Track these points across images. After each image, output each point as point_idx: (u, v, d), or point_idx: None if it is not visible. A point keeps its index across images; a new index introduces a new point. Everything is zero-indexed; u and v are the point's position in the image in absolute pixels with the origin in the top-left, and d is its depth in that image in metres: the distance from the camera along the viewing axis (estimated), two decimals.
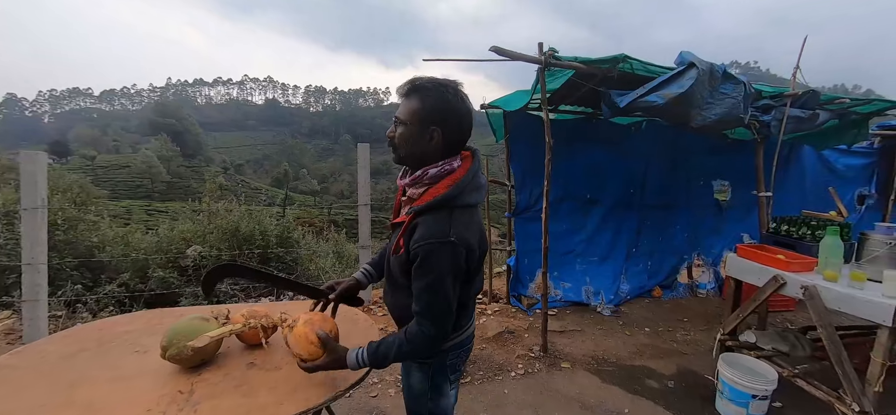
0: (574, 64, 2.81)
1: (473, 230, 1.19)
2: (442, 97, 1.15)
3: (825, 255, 2.34)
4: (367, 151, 3.72)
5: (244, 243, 5.94)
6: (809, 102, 3.39)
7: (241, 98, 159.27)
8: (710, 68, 2.84)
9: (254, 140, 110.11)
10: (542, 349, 3.24)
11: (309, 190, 67.45)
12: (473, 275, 1.26)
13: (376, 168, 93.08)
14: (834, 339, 2.15)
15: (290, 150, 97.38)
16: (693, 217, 4.80)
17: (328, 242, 7.98)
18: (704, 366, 3.12)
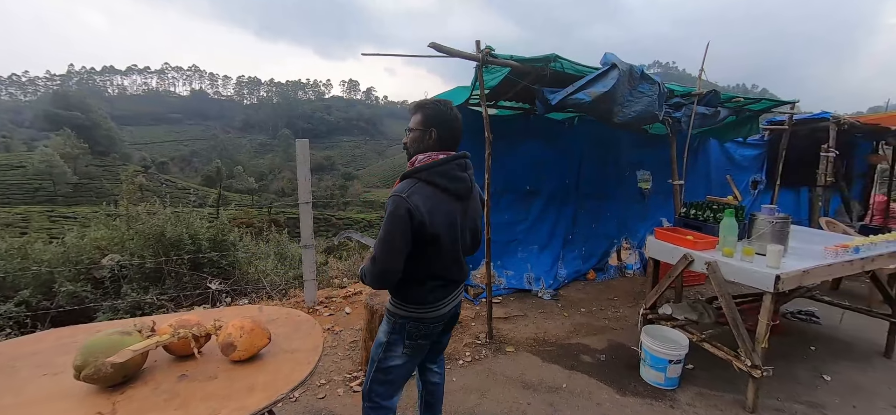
0: (509, 62, 2.94)
1: (430, 205, 1.47)
2: (437, 109, 1.58)
3: (723, 234, 2.70)
4: (306, 146, 3.60)
5: (172, 249, 5.48)
6: (712, 101, 3.85)
7: (163, 89, 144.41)
8: (629, 69, 3.12)
9: (179, 135, 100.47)
10: (487, 336, 3.39)
11: (245, 188, 63.18)
12: (425, 247, 1.50)
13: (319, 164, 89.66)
14: (731, 306, 2.50)
15: (222, 145, 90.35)
16: (621, 205, 5.25)
17: (269, 242, 7.59)
18: (631, 338, 3.46)
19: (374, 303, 2.68)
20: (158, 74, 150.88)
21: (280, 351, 1.49)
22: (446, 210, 1.52)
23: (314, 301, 3.89)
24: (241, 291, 5.81)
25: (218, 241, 5.87)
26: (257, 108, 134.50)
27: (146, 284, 5.21)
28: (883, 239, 2.98)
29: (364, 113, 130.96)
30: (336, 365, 2.97)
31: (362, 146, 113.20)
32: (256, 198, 58.73)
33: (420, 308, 1.60)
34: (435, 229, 1.47)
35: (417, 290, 1.58)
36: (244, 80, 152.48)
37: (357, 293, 4.36)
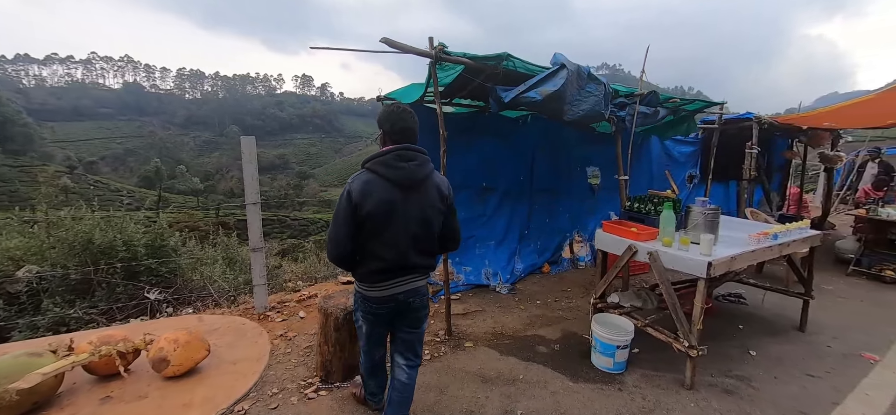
0: (463, 59, 2.96)
1: (366, 190, 1.74)
2: (383, 110, 1.89)
3: (663, 226, 2.89)
4: (252, 144, 3.41)
5: (102, 257, 4.99)
6: (652, 101, 4.11)
7: (90, 81, 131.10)
8: (577, 69, 3.25)
9: (111, 132, 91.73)
10: (446, 333, 3.40)
11: (190, 189, 58.96)
12: (361, 228, 1.76)
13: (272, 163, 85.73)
14: (670, 292, 2.68)
15: (162, 143, 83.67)
16: (573, 200, 5.47)
17: (216, 247, 7.12)
18: (584, 327, 3.61)
19: (328, 306, 2.59)
20: (84, 64, 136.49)
21: (221, 362, 1.40)
22: (382, 196, 1.75)
23: (265, 307, 3.71)
24: (184, 299, 5.41)
25: (156, 247, 5.44)
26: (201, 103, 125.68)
27: (72, 298, 4.71)
28: (796, 226, 3.33)
29: (319, 110, 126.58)
30: (290, 372, 2.84)
31: (318, 144, 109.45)
32: (202, 199, 55.00)
33: (362, 285, 1.90)
34: (366, 211, 1.73)
35: (360, 268, 1.86)
36: (186, 72, 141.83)
37: (312, 296, 4.21)
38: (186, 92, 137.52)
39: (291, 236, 36.20)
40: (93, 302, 4.88)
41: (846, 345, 3.48)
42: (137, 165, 71.47)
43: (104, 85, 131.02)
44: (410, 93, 3.70)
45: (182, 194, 57.83)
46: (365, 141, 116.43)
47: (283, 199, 58.44)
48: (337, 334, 2.61)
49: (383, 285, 1.86)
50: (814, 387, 2.85)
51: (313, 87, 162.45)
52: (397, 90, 3.81)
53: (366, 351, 2.13)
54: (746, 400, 2.64)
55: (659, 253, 2.71)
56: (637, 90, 4.02)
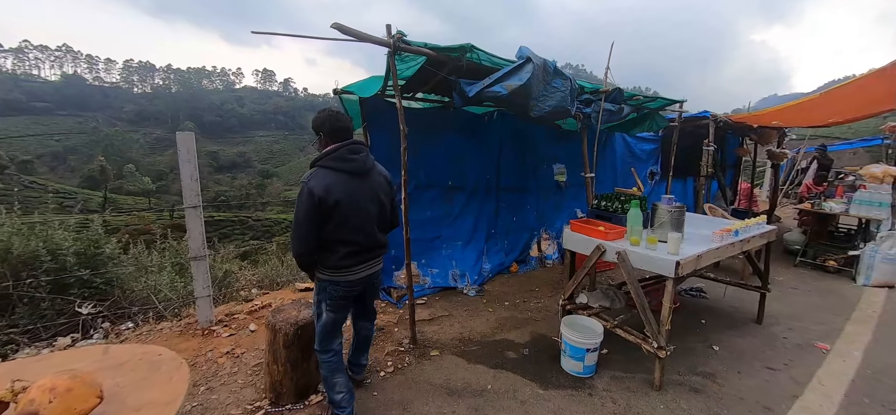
0: (424, 50, 2.77)
1: (327, 182, 1.90)
2: (318, 116, 2.06)
3: (630, 224, 2.83)
4: (190, 140, 3.05)
5: (23, 268, 4.40)
6: (617, 98, 4.09)
7: (22, 72, 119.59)
8: (543, 63, 3.14)
9: (48, 127, 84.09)
10: (411, 342, 3.21)
11: (140, 190, 55.07)
12: (329, 218, 1.93)
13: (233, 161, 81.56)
14: (639, 292, 2.63)
15: (107, 140, 77.59)
16: (539, 197, 5.42)
17: (164, 253, 6.53)
18: (553, 329, 3.53)
19: (276, 321, 2.33)
20: (15, 54, 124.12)
21: (121, 409, 1.14)
22: (344, 186, 1.94)
23: (210, 320, 3.36)
24: (123, 313, 4.89)
25: (90, 255, 4.87)
26: (152, 97, 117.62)
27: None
28: (754, 222, 3.39)
29: (281, 106, 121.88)
30: (235, 395, 2.56)
31: (281, 141, 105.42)
32: (155, 200, 51.56)
33: (336, 273, 2.03)
34: (333, 201, 1.89)
35: (331, 256, 2.00)
36: (133, 64, 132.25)
37: (265, 307, 3.88)
38: (135, 85, 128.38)
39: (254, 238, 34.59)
40: (12, 319, 4.30)
41: (800, 335, 3.60)
42: (80, 164, 65.98)
43: (39, 76, 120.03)
44: (370, 86, 3.47)
45: (132, 195, 53.92)
46: None
47: (244, 199, 55.85)
48: (287, 352, 2.36)
49: (357, 268, 2.07)
50: (775, 380, 2.90)
51: (275, 82, 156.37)
52: (356, 83, 3.56)
53: (327, 346, 2.17)
54: (713, 398, 2.63)
55: (627, 253, 2.65)
56: (602, 87, 3.99)
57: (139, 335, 3.34)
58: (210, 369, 2.80)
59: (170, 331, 3.35)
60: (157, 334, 3.33)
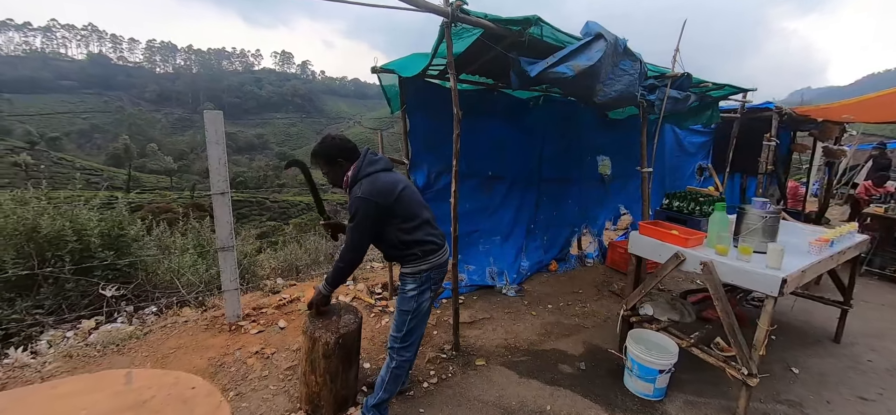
0: (483, 21, 2.41)
1: (383, 186, 1.93)
2: (327, 146, 2.05)
3: (715, 230, 2.45)
4: (218, 120, 2.78)
5: (49, 248, 4.28)
6: (684, 84, 3.65)
7: (50, 50, 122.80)
8: (614, 41, 2.74)
9: (75, 106, 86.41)
10: (454, 348, 2.92)
11: (163, 168, 56.25)
12: (400, 211, 1.96)
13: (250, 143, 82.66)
14: (728, 311, 2.26)
15: (131, 119, 79.36)
16: (582, 190, 5.03)
17: (186, 234, 6.40)
18: (606, 339, 3.20)
19: (315, 331, 2.06)
20: (44, 32, 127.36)
21: None
22: (389, 180, 1.97)
23: (238, 315, 3.14)
24: (147, 295, 4.76)
25: (114, 237, 4.72)
26: (174, 77, 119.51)
27: (11, 296, 4.02)
28: (846, 230, 2.97)
29: (299, 88, 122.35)
30: (267, 404, 2.32)
31: (298, 124, 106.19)
32: (176, 180, 52.60)
33: (425, 261, 2.01)
34: (395, 199, 1.93)
35: (416, 248, 1.99)
36: (156, 44, 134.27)
37: (293, 300, 3.65)
38: (157, 66, 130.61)
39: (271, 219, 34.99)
40: (37, 300, 4.20)
41: (886, 359, 3.18)
42: (105, 143, 67.73)
43: (66, 55, 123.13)
44: (412, 64, 3.12)
45: (154, 174, 55.16)
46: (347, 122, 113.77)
47: (262, 180, 56.57)
48: (326, 362, 2.10)
49: (442, 250, 2.09)
50: (872, 413, 2.52)
51: (293, 64, 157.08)
52: (397, 60, 3.21)
53: (411, 342, 2.12)
54: None
55: (715, 264, 2.28)
56: (669, 71, 3.55)
57: (163, 327, 3.14)
58: (239, 371, 2.57)
59: (195, 325, 3.14)
60: (181, 327, 3.13)
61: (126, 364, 2.62)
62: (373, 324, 3.25)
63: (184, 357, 2.69)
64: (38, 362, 2.75)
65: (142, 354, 2.73)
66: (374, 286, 4.04)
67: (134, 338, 2.92)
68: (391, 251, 2.08)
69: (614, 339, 3.18)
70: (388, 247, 2.05)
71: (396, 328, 2.08)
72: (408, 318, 2.04)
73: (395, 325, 2.09)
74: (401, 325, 2.06)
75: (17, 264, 3.96)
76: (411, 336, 2.08)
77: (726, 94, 4.33)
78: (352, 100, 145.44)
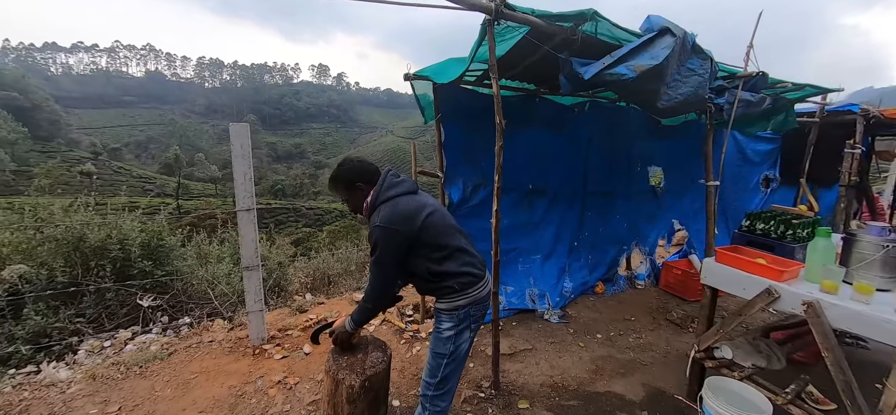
0: (530, 18, 2.11)
1: (406, 211, 1.68)
2: (345, 169, 1.81)
3: (818, 260, 2.00)
4: (245, 132, 2.63)
5: (93, 257, 4.37)
6: (759, 84, 3.17)
7: (114, 69, 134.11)
8: (683, 37, 2.36)
9: (134, 119, 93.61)
10: (493, 386, 2.60)
11: (208, 177, 59.55)
12: (426, 240, 1.68)
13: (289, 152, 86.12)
14: (843, 366, 1.81)
15: (181, 131, 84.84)
16: (631, 204, 4.56)
17: (224, 243, 6.47)
18: (670, 380, 2.77)
19: (339, 371, 1.81)
20: (108, 53, 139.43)
21: None
22: (412, 205, 1.69)
23: (262, 338, 2.97)
24: (182, 306, 4.76)
25: (153, 247, 4.78)
26: (220, 91, 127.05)
27: (57, 304, 4.11)
28: None
29: (335, 99, 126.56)
30: None
31: (333, 134, 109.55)
32: (220, 187, 55.45)
33: (473, 289, 1.73)
34: (420, 225, 1.66)
35: (451, 280, 1.70)
36: (205, 61, 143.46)
37: (320, 321, 3.46)
38: (206, 80, 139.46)
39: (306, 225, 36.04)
40: (80, 309, 4.28)
41: None
42: (159, 152, 72.69)
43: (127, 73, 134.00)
44: (448, 69, 2.86)
45: (201, 181, 58.47)
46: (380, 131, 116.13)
47: (298, 188, 58.61)
48: (351, 407, 1.84)
49: (483, 282, 1.78)
50: None
51: (329, 76, 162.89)
52: (432, 66, 2.97)
53: (456, 378, 1.86)
54: None
55: (822, 305, 1.84)
56: (740, 70, 3.09)
57: (188, 348, 3.02)
58: (260, 404, 2.38)
59: (220, 347, 3.00)
60: (206, 348, 2.99)
61: (147, 389, 2.49)
62: (403, 353, 2.98)
63: (205, 384, 2.54)
64: (64, 381, 2.69)
65: (163, 378, 2.60)
66: (405, 306, 3.79)
67: (158, 359, 2.81)
68: (424, 285, 1.80)
69: (680, 381, 2.74)
70: (419, 280, 1.78)
71: (430, 373, 1.79)
72: (443, 362, 1.75)
73: (428, 369, 1.81)
74: (435, 370, 1.77)
75: (64, 273, 4.05)
76: (447, 383, 1.79)
77: (807, 95, 3.78)
78: (385, 109, 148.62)
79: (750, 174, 5.36)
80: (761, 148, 5.34)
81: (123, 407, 2.30)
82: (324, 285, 6.51)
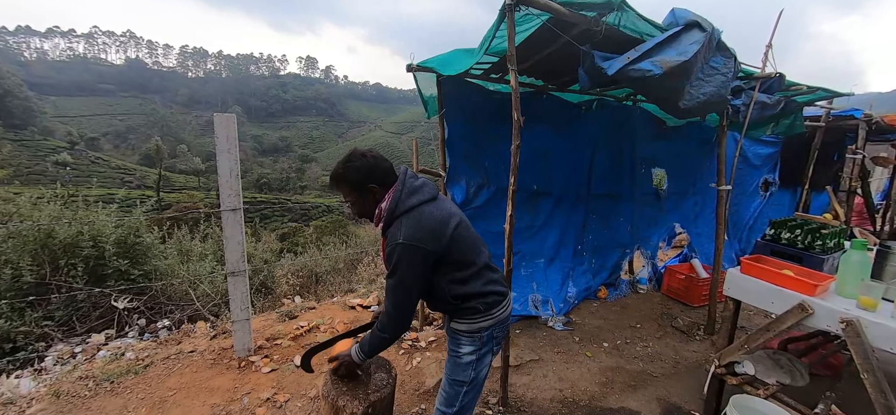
0: (553, 4, 1.92)
1: (431, 223, 1.42)
2: (356, 167, 1.46)
3: (853, 274, 1.87)
4: (232, 123, 2.38)
5: (63, 255, 4.07)
6: (774, 86, 3.06)
7: (92, 55, 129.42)
8: (711, 32, 2.21)
9: (113, 108, 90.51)
10: (501, 403, 2.42)
11: (191, 169, 57.98)
12: (455, 254, 1.45)
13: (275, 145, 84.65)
14: (884, 387, 1.68)
15: (163, 121, 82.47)
16: (634, 207, 4.44)
17: (207, 239, 6.15)
18: (684, 394, 2.64)
19: (339, 398, 1.61)
20: (86, 39, 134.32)
21: None
22: (438, 216, 1.44)
23: (248, 349, 2.73)
24: (160, 308, 4.48)
25: (129, 244, 4.48)
26: (204, 82, 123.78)
27: (22, 306, 3.79)
28: None
29: (322, 92, 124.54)
30: None
31: (321, 127, 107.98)
32: (203, 180, 54.06)
33: (498, 309, 1.55)
34: (449, 239, 1.43)
35: (476, 301, 1.50)
36: (188, 50, 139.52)
37: (312, 329, 3.23)
38: (189, 70, 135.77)
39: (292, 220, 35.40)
40: (48, 311, 3.96)
41: None
42: (139, 143, 70.47)
43: (106, 60, 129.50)
44: (455, 61, 2.66)
45: (184, 174, 56.92)
46: (368, 126, 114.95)
47: (285, 182, 57.61)
48: None
49: (507, 300, 1.60)
50: None
51: (318, 69, 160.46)
52: (437, 56, 2.76)
53: (474, 405, 1.65)
54: None
55: (861, 323, 1.71)
56: (757, 72, 2.97)
57: (166, 360, 2.75)
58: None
59: (202, 358, 2.75)
60: (186, 359, 2.74)
61: (118, 408, 2.24)
62: (402, 365, 2.79)
63: (184, 402, 2.29)
64: (25, 397, 2.41)
65: (137, 395, 2.35)
66: None
67: (132, 373, 2.55)
68: (441, 307, 1.58)
69: (694, 395, 2.62)
70: (436, 302, 1.56)
71: (446, 402, 1.59)
72: (462, 390, 1.55)
73: (444, 397, 1.60)
74: (452, 399, 1.57)
75: (31, 272, 3.74)
76: (465, 412, 1.60)
77: (819, 98, 3.70)
78: (373, 104, 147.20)
79: (750, 178, 5.30)
80: (762, 151, 5.28)
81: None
82: (312, 284, 6.25)
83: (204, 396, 2.34)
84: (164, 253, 4.77)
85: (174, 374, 2.56)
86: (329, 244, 8.64)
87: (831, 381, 2.53)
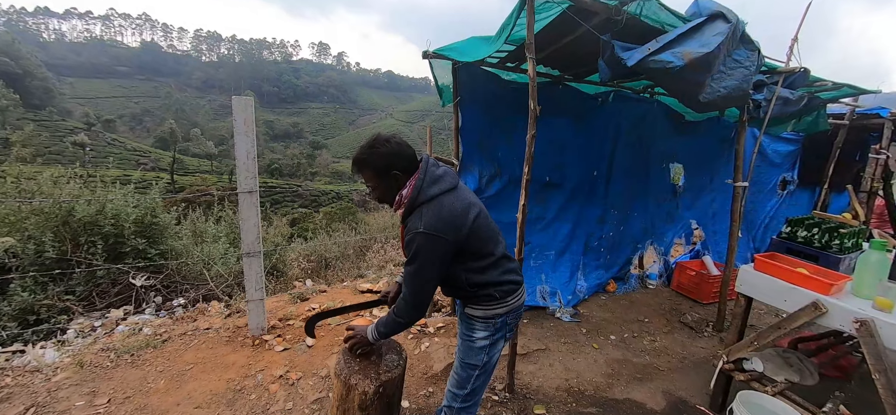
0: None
1: (452, 212, 1.43)
2: (381, 152, 1.46)
3: (870, 275, 1.85)
4: (249, 107, 2.41)
5: (82, 233, 4.18)
6: (798, 81, 2.99)
7: (108, 37, 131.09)
8: (736, 23, 2.16)
9: (128, 91, 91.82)
10: (507, 389, 2.46)
11: (204, 152, 58.76)
12: (474, 244, 1.47)
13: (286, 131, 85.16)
14: (895, 390, 1.67)
15: (177, 104, 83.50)
16: (650, 203, 4.40)
17: (221, 222, 6.26)
18: (690, 389, 2.64)
19: (351, 376, 1.65)
20: (103, 21, 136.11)
21: None
22: (459, 205, 1.46)
23: (262, 328, 2.80)
24: (176, 287, 4.59)
25: (147, 224, 4.59)
26: (217, 66, 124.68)
27: (45, 280, 3.93)
28: None
29: (334, 79, 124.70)
30: None
31: (332, 114, 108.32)
32: (216, 164, 54.79)
33: (512, 297, 1.58)
34: (469, 229, 1.45)
35: (494, 288, 1.54)
36: (202, 34, 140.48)
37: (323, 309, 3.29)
38: (203, 54, 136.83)
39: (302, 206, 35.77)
40: (69, 286, 4.10)
41: None
42: (154, 126, 71.57)
43: (122, 43, 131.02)
44: (472, 48, 2.65)
45: (197, 157, 57.74)
46: (379, 114, 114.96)
47: (295, 168, 58.07)
48: (362, 414, 1.68)
49: (521, 289, 1.63)
50: None
51: (330, 55, 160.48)
52: (454, 44, 2.75)
53: (477, 407, 1.70)
54: None
55: (876, 324, 1.69)
56: (780, 66, 2.90)
57: (183, 336, 2.84)
58: (260, 401, 2.22)
59: (217, 335, 2.83)
60: (202, 336, 2.82)
61: (139, 379, 2.33)
62: (411, 349, 2.83)
63: (201, 376, 2.37)
64: (50, 366, 2.52)
65: (156, 368, 2.44)
66: None
67: (151, 347, 2.64)
68: (456, 293, 1.60)
69: (700, 390, 2.62)
70: (451, 289, 1.58)
71: (458, 384, 1.63)
72: (475, 373, 1.58)
73: (456, 379, 1.64)
74: (464, 381, 1.60)
75: (53, 248, 3.86)
76: (477, 395, 1.63)
77: (844, 95, 3.60)
78: (384, 91, 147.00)
79: (768, 176, 5.20)
80: (782, 149, 5.17)
81: (113, 399, 2.14)
82: (322, 269, 6.35)
83: (220, 371, 2.41)
84: (179, 234, 4.89)
85: (191, 349, 2.64)
86: (339, 231, 8.74)
87: (841, 383, 2.52)
